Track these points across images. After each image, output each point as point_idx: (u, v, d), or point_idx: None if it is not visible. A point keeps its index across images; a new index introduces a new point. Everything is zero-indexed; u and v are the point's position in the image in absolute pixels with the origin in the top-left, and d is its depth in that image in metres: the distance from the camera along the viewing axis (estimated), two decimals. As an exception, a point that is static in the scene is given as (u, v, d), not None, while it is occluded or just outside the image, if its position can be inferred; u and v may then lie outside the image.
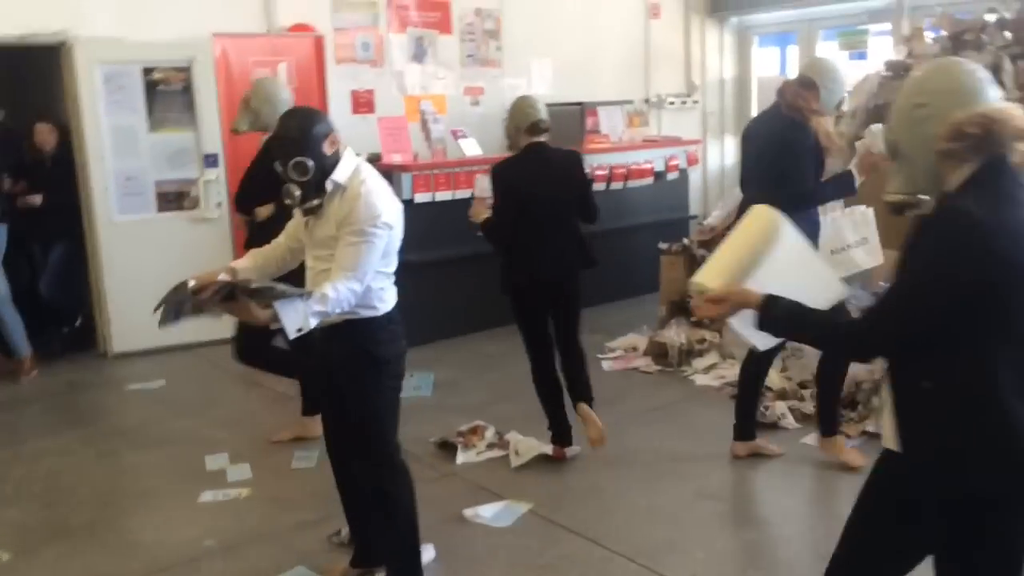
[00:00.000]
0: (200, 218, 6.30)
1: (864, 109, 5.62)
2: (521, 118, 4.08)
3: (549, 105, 7.72)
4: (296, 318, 2.57)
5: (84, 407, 5.38)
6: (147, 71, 6.09)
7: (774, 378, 4.82)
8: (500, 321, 6.28)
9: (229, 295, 2.62)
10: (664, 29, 9.15)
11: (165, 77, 6.14)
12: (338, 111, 6.92)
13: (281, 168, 2.69)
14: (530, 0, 8.03)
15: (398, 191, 5.82)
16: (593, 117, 7.75)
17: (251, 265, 2.90)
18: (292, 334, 2.57)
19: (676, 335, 5.44)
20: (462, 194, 6.13)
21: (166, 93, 6.15)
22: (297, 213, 2.85)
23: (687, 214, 7.82)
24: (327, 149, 2.69)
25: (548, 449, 4.11)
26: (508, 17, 7.93)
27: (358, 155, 2.80)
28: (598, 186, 6.98)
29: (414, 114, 7.37)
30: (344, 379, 2.80)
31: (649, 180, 7.33)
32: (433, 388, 5.31)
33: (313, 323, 2.60)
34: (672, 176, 7.49)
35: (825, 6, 8.79)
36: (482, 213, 4.11)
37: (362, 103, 7.22)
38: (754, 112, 9.70)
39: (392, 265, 2.79)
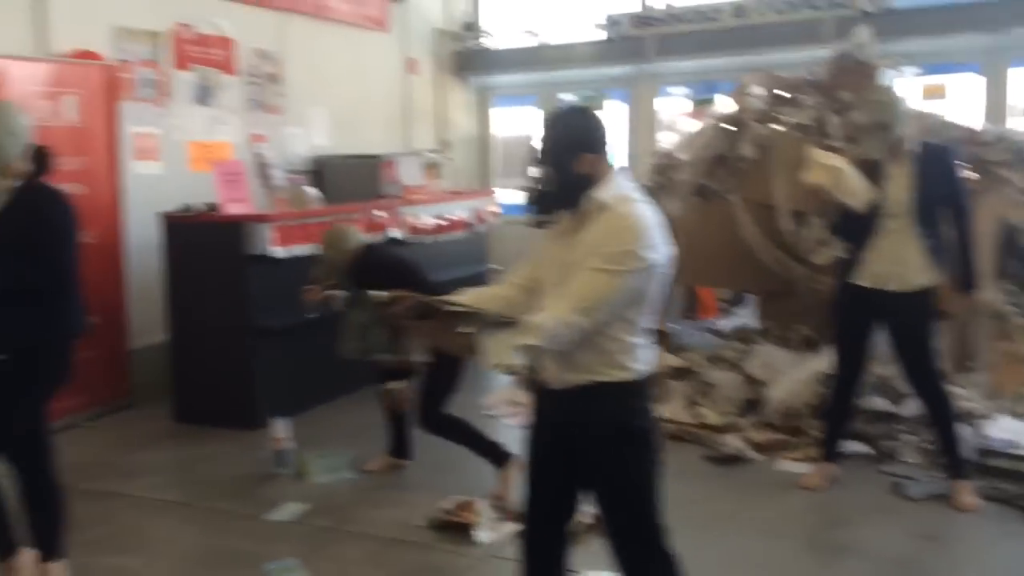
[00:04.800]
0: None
1: (703, 159, 6.08)
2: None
3: (339, 156, 7.39)
4: (499, 349, 2.13)
5: None
6: None
7: (710, 415, 4.95)
8: (344, 390, 5.71)
9: (424, 312, 2.15)
10: (421, 85, 9.10)
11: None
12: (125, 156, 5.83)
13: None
14: (307, 45, 7.52)
15: (251, 246, 5.13)
16: (389, 169, 7.43)
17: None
18: (490, 368, 2.15)
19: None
20: (315, 248, 5.44)
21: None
22: (544, 243, 2.36)
23: (487, 266, 7.77)
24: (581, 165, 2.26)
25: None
26: (289, 62, 7.32)
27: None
28: (424, 238, 6.67)
29: (200, 163, 6.47)
30: (597, 455, 2.31)
31: (461, 232, 7.17)
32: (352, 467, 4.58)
33: (518, 360, 2.15)
34: (480, 228, 7.41)
35: (564, 71, 9.41)
36: None
37: (145, 149, 6.14)
38: (495, 168, 10.05)
39: (652, 319, 2.32)
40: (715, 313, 7.51)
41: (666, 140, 8.35)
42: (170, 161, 6.27)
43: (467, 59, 9.62)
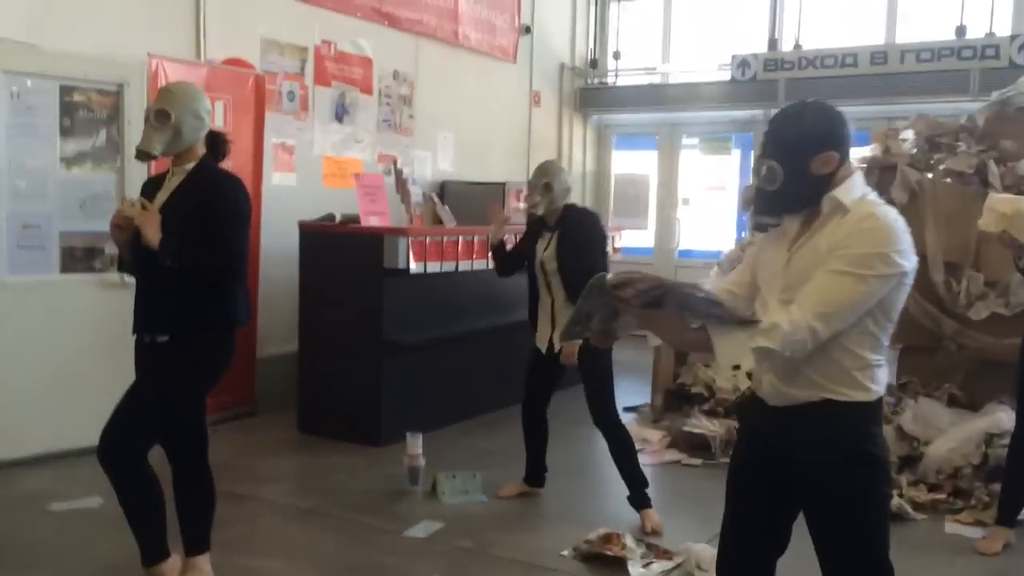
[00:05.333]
0: (115, 283, 4.87)
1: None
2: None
3: (463, 181, 7.37)
4: (733, 350, 1.94)
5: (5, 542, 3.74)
6: (65, 91, 4.70)
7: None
8: (470, 413, 5.60)
9: (655, 300, 1.94)
10: (543, 118, 9.09)
11: (87, 100, 4.77)
12: (265, 166, 5.88)
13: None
14: (439, 71, 7.57)
15: (388, 259, 5.04)
16: (516, 197, 7.36)
17: None
18: (726, 370, 1.96)
19: (711, 425, 5.10)
20: (448, 266, 5.37)
21: (86, 121, 4.78)
22: (763, 248, 2.19)
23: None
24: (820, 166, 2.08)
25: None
26: (421, 85, 7.37)
27: None
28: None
29: (332, 178, 6.52)
30: (825, 483, 2.08)
31: (584, 265, 7.02)
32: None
33: (750, 363, 1.96)
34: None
35: (686, 112, 9.28)
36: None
37: (283, 160, 6.20)
38: (612, 206, 9.91)
39: (889, 335, 2.10)
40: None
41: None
42: (304, 174, 6.33)
43: (590, 95, 9.58)
